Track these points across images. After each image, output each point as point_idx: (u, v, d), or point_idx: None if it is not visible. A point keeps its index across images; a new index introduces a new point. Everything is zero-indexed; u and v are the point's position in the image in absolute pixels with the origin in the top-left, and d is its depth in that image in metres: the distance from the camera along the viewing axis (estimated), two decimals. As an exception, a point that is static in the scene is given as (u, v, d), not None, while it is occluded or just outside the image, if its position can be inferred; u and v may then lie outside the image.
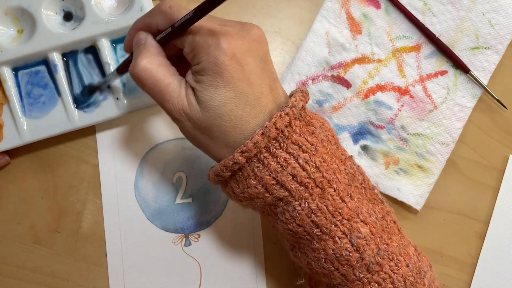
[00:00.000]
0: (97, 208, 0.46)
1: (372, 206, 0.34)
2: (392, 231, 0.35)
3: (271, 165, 0.32)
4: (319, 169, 0.32)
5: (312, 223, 0.33)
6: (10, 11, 0.44)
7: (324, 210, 0.32)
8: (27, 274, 0.46)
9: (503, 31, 0.46)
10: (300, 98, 0.33)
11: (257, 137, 0.31)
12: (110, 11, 0.45)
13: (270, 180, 0.32)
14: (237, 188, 0.34)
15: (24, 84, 0.45)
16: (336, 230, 0.32)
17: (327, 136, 0.34)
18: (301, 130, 0.32)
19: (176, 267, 0.46)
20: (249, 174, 0.32)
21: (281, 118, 0.31)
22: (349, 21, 0.47)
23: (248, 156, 0.32)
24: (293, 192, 0.32)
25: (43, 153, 0.47)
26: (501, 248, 0.47)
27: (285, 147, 0.32)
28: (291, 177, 0.32)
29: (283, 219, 0.34)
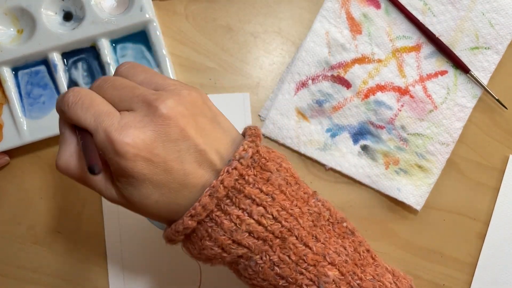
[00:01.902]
0: (96, 208, 0.46)
1: (342, 242, 0.33)
2: (366, 262, 0.33)
3: (224, 224, 0.30)
4: (277, 219, 0.30)
5: (276, 276, 0.31)
6: (10, 11, 0.44)
7: (287, 261, 0.31)
8: (27, 274, 0.46)
9: (503, 31, 0.46)
10: (249, 145, 0.30)
11: (205, 199, 0.29)
12: (110, 11, 0.45)
13: (226, 240, 0.30)
14: (193, 249, 0.32)
15: (24, 84, 0.45)
16: (303, 278, 0.31)
17: (285, 179, 0.32)
18: (255, 179, 0.30)
19: (176, 267, 0.46)
20: (203, 235, 0.31)
21: (228, 175, 0.29)
22: (349, 21, 0.47)
23: (199, 219, 0.30)
24: (252, 248, 0.30)
25: (43, 153, 0.47)
26: (501, 248, 0.47)
27: (237, 203, 0.30)
28: (247, 234, 0.30)
29: (246, 275, 0.32)
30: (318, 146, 0.47)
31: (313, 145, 0.47)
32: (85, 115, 0.29)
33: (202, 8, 0.48)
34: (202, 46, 0.48)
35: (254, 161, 0.31)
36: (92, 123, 0.29)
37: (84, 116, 0.29)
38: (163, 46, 0.44)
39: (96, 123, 0.29)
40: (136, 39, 0.45)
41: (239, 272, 0.33)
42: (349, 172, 0.47)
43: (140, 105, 0.30)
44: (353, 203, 0.47)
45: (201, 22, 0.48)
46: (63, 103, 0.30)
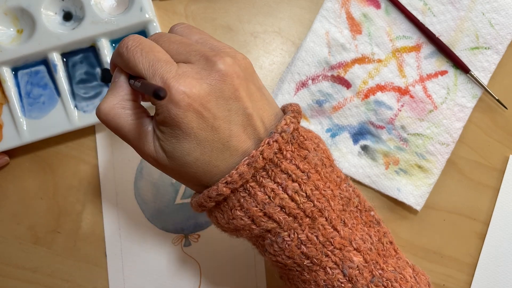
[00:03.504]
0: (96, 208, 0.46)
1: (368, 230, 0.33)
2: (388, 253, 0.33)
3: (258, 196, 0.30)
4: (309, 198, 0.30)
5: (302, 254, 0.31)
6: (10, 11, 0.44)
7: (314, 241, 0.31)
8: (27, 274, 0.46)
9: (503, 31, 0.46)
10: (291, 120, 0.31)
11: (243, 168, 0.29)
12: (109, 11, 0.45)
13: (257, 212, 0.30)
14: (221, 218, 0.32)
15: (23, 84, 0.45)
16: (327, 261, 0.31)
17: (321, 159, 0.32)
18: (292, 155, 0.30)
19: (175, 268, 0.46)
20: (234, 205, 0.31)
21: (269, 146, 0.29)
22: (349, 21, 0.47)
23: (233, 187, 0.30)
24: (282, 224, 0.30)
25: (42, 153, 0.47)
26: (501, 248, 0.47)
27: (273, 176, 0.30)
28: (279, 209, 0.30)
29: (271, 251, 0.32)
30: (318, 146, 0.47)
31: (313, 145, 0.47)
32: (143, 60, 0.30)
33: (202, 8, 0.48)
34: (202, 46, 0.48)
35: (293, 138, 0.31)
36: (149, 69, 0.29)
37: (142, 61, 0.30)
38: (163, 46, 0.44)
39: (154, 69, 0.29)
40: (136, 39, 0.45)
41: (263, 248, 0.33)
42: (349, 172, 0.47)
43: (198, 59, 0.30)
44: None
45: (201, 22, 0.48)
46: (122, 46, 0.31)
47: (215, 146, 0.30)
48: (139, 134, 0.31)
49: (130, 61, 0.30)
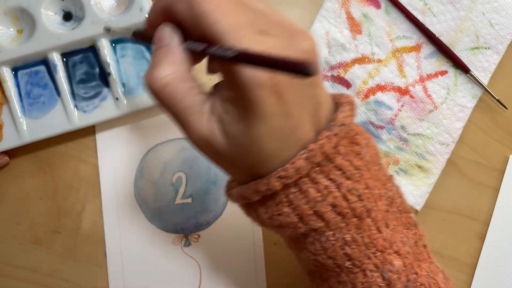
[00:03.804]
0: (96, 208, 0.46)
1: (406, 232, 0.31)
2: (422, 257, 0.32)
3: (310, 193, 0.27)
4: (360, 197, 0.28)
5: (344, 256, 0.29)
6: (10, 11, 0.44)
7: (359, 242, 0.29)
8: (27, 274, 0.46)
9: (503, 31, 0.46)
10: (350, 113, 0.28)
11: (300, 162, 0.26)
12: (109, 11, 0.45)
13: (307, 210, 0.28)
14: (264, 213, 0.29)
15: (23, 84, 0.45)
16: (369, 263, 0.29)
17: (371, 156, 0.30)
18: (345, 150, 0.28)
19: (175, 268, 0.46)
20: (282, 200, 0.28)
21: (328, 140, 0.27)
22: (349, 21, 0.47)
23: (286, 183, 0.27)
24: (330, 223, 0.28)
25: (42, 153, 0.47)
26: (501, 248, 0.47)
27: (327, 173, 0.27)
28: (331, 208, 0.28)
29: (312, 250, 0.30)
30: (318, 146, 0.47)
31: (313, 145, 0.47)
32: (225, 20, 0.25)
33: (202, 8, 0.48)
34: (202, 46, 0.47)
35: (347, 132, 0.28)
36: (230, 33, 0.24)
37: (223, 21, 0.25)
38: (163, 46, 0.44)
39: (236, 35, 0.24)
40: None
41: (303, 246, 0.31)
42: (349, 172, 0.47)
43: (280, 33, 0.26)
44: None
45: (201, 22, 0.48)
46: None
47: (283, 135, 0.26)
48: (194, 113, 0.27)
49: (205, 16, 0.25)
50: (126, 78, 0.45)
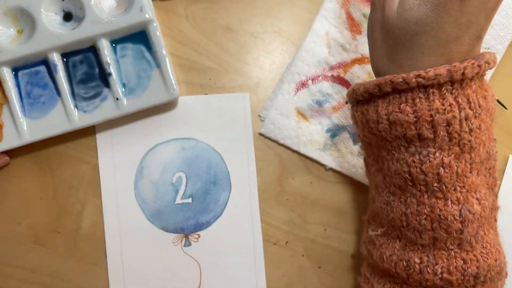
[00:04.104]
0: (96, 208, 0.46)
1: (489, 193, 0.34)
2: (492, 225, 0.35)
3: (435, 103, 0.31)
4: (471, 131, 0.32)
5: (436, 176, 0.32)
6: (10, 11, 0.44)
7: (454, 169, 0.32)
8: (27, 274, 0.46)
9: (503, 32, 0.46)
10: (493, 59, 0.32)
11: (442, 70, 0.30)
12: (110, 11, 0.45)
13: (427, 116, 0.31)
14: (384, 108, 0.33)
15: (24, 84, 0.45)
16: (453, 194, 0.32)
17: (492, 108, 0.33)
18: (476, 88, 0.32)
19: (175, 268, 0.46)
20: (407, 100, 0.32)
21: (472, 67, 0.30)
22: (349, 21, 0.47)
23: (420, 83, 0.31)
24: (437, 139, 0.31)
25: (42, 153, 0.47)
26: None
27: (455, 95, 0.31)
28: (445, 124, 0.31)
29: (409, 161, 0.33)
30: (318, 146, 0.47)
31: (313, 145, 0.47)
32: None
33: (202, 9, 0.48)
34: (202, 46, 0.48)
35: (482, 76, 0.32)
36: None
37: None
38: (163, 46, 0.44)
39: None
40: (136, 39, 0.45)
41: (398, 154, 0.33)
42: (349, 172, 0.47)
43: None
44: (353, 203, 0.47)
45: (201, 22, 0.48)
46: None
47: (440, 37, 0.31)
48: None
49: None
50: (126, 78, 0.45)
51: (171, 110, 0.47)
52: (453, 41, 0.31)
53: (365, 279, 0.39)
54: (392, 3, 0.33)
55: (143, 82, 0.45)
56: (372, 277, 0.38)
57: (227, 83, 0.47)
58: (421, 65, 0.32)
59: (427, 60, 0.32)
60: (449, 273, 0.32)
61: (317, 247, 0.47)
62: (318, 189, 0.47)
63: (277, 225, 0.47)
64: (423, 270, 0.33)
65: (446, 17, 0.30)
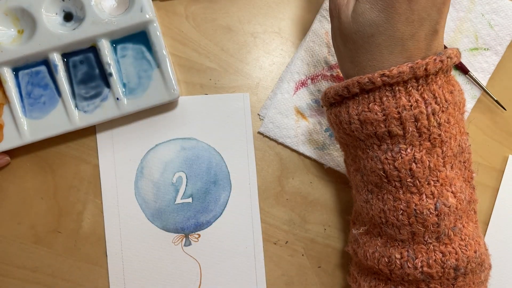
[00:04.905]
0: (97, 208, 0.47)
1: (465, 186, 0.34)
2: (470, 218, 0.35)
3: (401, 100, 0.32)
4: (440, 126, 0.32)
5: (409, 171, 0.32)
6: (11, 12, 0.44)
7: (426, 164, 0.32)
8: (27, 274, 0.46)
9: (502, 32, 0.46)
10: (456, 54, 0.33)
11: (404, 68, 0.31)
12: (110, 12, 0.45)
13: (394, 114, 0.32)
14: (354, 109, 0.34)
15: (24, 84, 0.45)
16: (427, 188, 0.32)
17: (460, 102, 0.34)
18: (442, 83, 0.32)
19: (176, 267, 0.46)
20: (375, 99, 0.32)
21: (434, 63, 0.31)
22: (348, 21, 0.47)
23: (386, 82, 0.31)
24: (407, 134, 0.32)
25: (43, 153, 0.47)
26: (501, 248, 0.47)
27: (421, 91, 0.32)
28: (413, 120, 0.32)
29: (382, 158, 0.33)
30: (317, 146, 0.47)
31: (312, 145, 0.47)
32: None
33: (202, 9, 0.48)
34: (202, 47, 0.48)
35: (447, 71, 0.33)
36: None
37: None
38: (163, 47, 0.44)
39: None
40: (137, 39, 0.45)
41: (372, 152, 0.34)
42: (348, 172, 0.47)
43: None
44: (353, 203, 0.47)
45: (201, 23, 0.48)
46: None
47: (394, 36, 0.32)
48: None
49: None
50: (126, 78, 0.45)
51: (171, 110, 0.47)
52: (409, 38, 0.32)
53: (353, 278, 0.40)
54: (346, 10, 0.34)
55: (144, 82, 0.45)
56: (359, 275, 0.39)
57: (227, 83, 0.48)
58: (382, 64, 0.33)
59: (387, 59, 0.33)
60: (428, 266, 0.33)
61: (317, 246, 0.47)
62: (318, 189, 0.47)
63: (277, 225, 0.47)
64: (404, 265, 0.33)
65: (397, 17, 0.31)
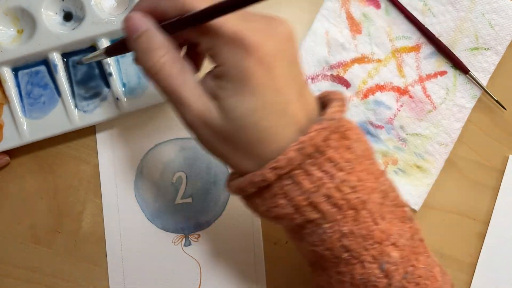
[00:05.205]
0: (97, 208, 0.47)
1: (402, 225, 0.32)
2: (419, 250, 0.32)
3: (303, 185, 0.28)
4: (354, 189, 0.29)
5: (342, 247, 0.30)
6: (10, 11, 0.44)
7: (356, 234, 0.29)
8: (27, 274, 0.46)
9: (502, 32, 0.46)
10: (339, 109, 0.29)
11: (292, 153, 0.27)
12: (110, 11, 0.45)
13: (302, 201, 0.29)
14: (261, 205, 0.30)
15: (24, 84, 0.45)
16: (366, 255, 0.30)
17: (363, 151, 0.31)
18: (336, 144, 0.29)
19: (176, 267, 0.46)
20: (277, 192, 0.29)
21: (318, 133, 0.28)
22: (349, 20, 0.47)
23: (280, 174, 0.28)
24: (326, 214, 0.29)
25: (43, 153, 0.47)
26: (501, 248, 0.47)
27: (319, 165, 0.28)
28: (325, 199, 0.29)
29: (310, 241, 0.31)
30: (317, 146, 0.47)
31: (313, 145, 0.47)
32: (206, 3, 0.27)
33: (202, 8, 0.48)
34: (202, 46, 0.48)
35: (337, 127, 0.29)
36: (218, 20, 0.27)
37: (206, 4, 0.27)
38: (163, 46, 0.44)
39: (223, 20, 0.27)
40: (136, 39, 0.45)
41: (302, 237, 0.32)
42: (348, 172, 0.47)
43: (259, 19, 0.29)
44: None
45: (201, 22, 0.48)
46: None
47: (276, 110, 0.28)
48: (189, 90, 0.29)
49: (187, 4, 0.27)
50: (126, 78, 0.45)
51: (171, 110, 0.47)
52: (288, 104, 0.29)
53: None
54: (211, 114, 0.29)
55: (143, 82, 0.45)
56: None
57: (227, 83, 0.47)
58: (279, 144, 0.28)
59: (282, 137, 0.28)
60: None
61: (317, 247, 0.47)
62: (318, 189, 0.47)
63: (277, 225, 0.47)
64: None
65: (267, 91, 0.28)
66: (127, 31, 0.30)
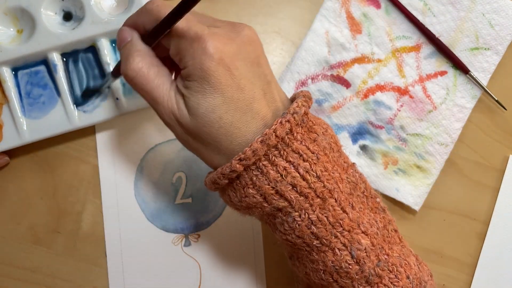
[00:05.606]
0: (96, 208, 0.47)
1: (374, 216, 0.33)
2: (393, 240, 0.34)
3: (270, 174, 0.30)
4: (320, 178, 0.31)
5: (311, 235, 0.31)
6: (10, 11, 0.44)
7: (325, 221, 0.31)
8: (27, 274, 0.46)
9: (503, 32, 0.46)
10: (303, 104, 0.31)
11: (256, 145, 0.30)
12: (109, 11, 0.45)
13: (269, 190, 0.31)
14: (234, 196, 0.33)
15: (23, 84, 0.45)
16: (336, 242, 0.31)
17: (329, 143, 0.33)
18: (302, 137, 0.31)
19: (175, 267, 0.46)
20: (247, 183, 0.31)
21: (281, 125, 0.30)
22: (349, 20, 0.47)
23: (247, 164, 0.30)
24: (293, 203, 0.31)
25: (42, 153, 0.47)
26: (501, 248, 0.47)
27: (285, 155, 0.30)
28: (291, 187, 0.31)
29: (282, 230, 0.32)
30: (317, 146, 0.47)
31: (313, 145, 0.47)
32: None
33: (202, 9, 0.48)
34: (202, 46, 0.48)
35: (303, 121, 0.32)
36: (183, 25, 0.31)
37: None
38: (163, 46, 0.44)
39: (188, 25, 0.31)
40: (136, 39, 0.45)
41: (275, 227, 0.34)
42: (348, 172, 0.47)
43: (224, 25, 0.32)
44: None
45: (201, 22, 0.48)
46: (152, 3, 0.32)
47: (239, 106, 0.31)
48: (163, 91, 0.32)
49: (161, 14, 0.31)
50: (126, 78, 0.45)
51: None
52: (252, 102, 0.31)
53: None
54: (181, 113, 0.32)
55: (143, 82, 0.45)
56: None
57: (227, 83, 0.47)
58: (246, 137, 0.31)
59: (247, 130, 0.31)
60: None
61: (317, 247, 0.47)
62: (318, 189, 0.47)
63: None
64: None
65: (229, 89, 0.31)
66: (117, 43, 0.35)
